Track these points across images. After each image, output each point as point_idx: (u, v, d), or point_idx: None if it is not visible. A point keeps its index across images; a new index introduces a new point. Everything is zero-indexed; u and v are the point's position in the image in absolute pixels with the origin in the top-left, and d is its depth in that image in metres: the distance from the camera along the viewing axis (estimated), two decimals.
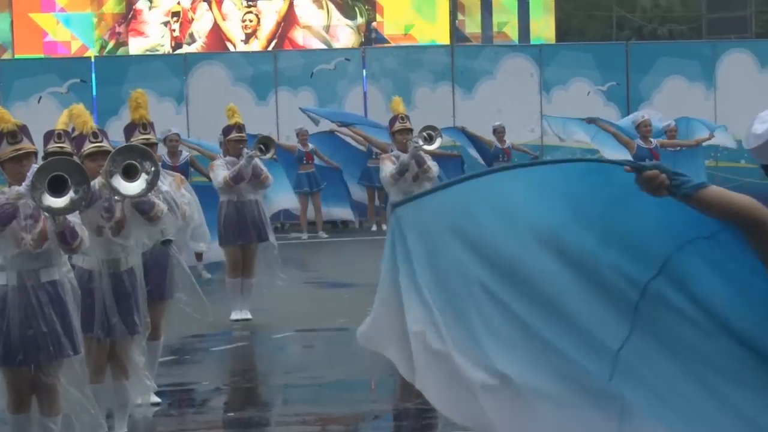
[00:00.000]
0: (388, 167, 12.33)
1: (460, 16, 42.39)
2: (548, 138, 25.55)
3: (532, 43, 38.12)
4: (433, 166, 12.37)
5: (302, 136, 22.30)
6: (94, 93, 24.34)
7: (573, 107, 25.29)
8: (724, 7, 42.35)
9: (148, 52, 35.21)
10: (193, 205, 9.16)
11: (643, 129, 17.36)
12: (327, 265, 18.52)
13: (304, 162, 22.23)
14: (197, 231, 9.75)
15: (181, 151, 17.17)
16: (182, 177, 9.51)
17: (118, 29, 35.99)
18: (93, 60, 26.55)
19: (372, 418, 8.88)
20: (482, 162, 22.64)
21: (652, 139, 17.45)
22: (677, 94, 25.41)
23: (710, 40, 33.94)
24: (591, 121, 19.62)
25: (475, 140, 22.77)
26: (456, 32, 41.36)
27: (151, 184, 7.59)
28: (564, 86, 25.89)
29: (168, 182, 8.69)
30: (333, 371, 10.29)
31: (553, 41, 40.27)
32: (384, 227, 20.69)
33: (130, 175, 7.52)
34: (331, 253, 20.38)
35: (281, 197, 17.45)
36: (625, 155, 16.88)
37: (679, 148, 18.70)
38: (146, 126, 8.92)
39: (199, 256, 14.54)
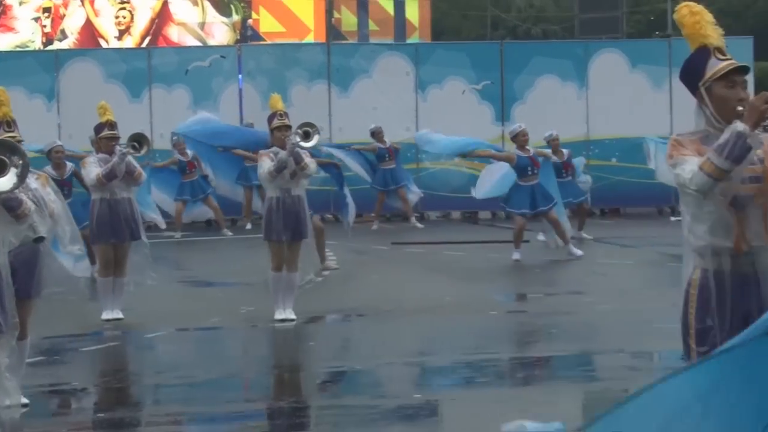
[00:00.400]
0: (266, 164, 12.27)
1: (336, 15, 42.34)
2: None
3: (407, 42, 38.26)
4: (311, 164, 12.35)
5: (179, 146, 22.10)
6: None
7: (448, 106, 25.49)
8: (595, 8, 42.92)
9: (17, 49, 34.59)
10: (59, 204, 9.01)
11: (520, 139, 17.70)
12: (200, 264, 18.39)
13: (187, 171, 22.20)
14: (72, 236, 9.61)
15: (65, 163, 16.86)
16: (47, 176, 9.34)
17: None
18: None
19: (245, 417, 8.82)
20: (368, 177, 22.75)
21: (529, 147, 17.77)
22: (550, 93, 25.73)
23: (582, 40, 34.36)
24: (467, 154, 19.82)
25: (358, 155, 22.65)
26: (332, 30, 41.30)
27: (21, 178, 7.46)
28: (439, 85, 26.04)
29: (34, 179, 8.53)
30: (205, 370, 10.20)
31: (429, 40, 40.46)
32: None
33: None
34: (204, 252, 20.24)
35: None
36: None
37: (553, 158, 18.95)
38: (10, 124, 8.75)
39: None
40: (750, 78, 6.47)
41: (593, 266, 16.81)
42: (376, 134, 23.61)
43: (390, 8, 41.72)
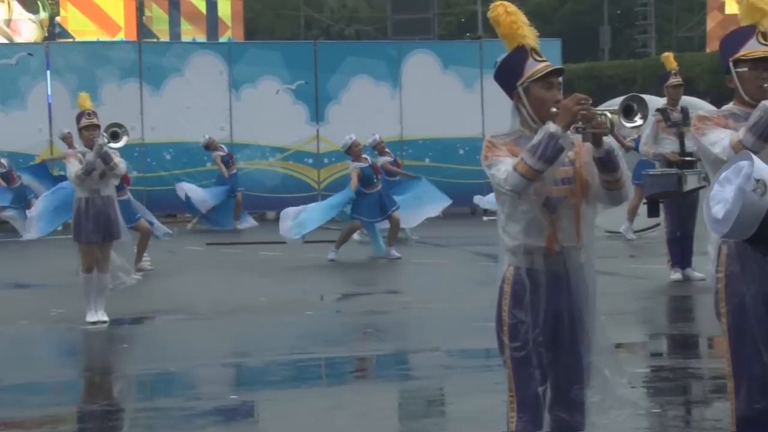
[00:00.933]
0: (74, 166, 12.05)
1: (147, 12, 41.77)
2: (238, 136, 25.57)
3: (220, 40, 37.99)
4: (120, 163, 12.17)
5: None
6: None
7: (262, 105, 25.42)
8: (407, 9, 43.35)
9: None
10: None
11: (354, 150, 17.82)
12: (7, 265, 17.96)
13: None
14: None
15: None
16: None
17: None
18: None
19: (55, 421, 8.63)
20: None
21: (365, 156, 17.97)
22: (364, 93, 25.89)
23: (395, 40, 34.67)
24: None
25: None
26: (143, 28, 40.74)
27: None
28: (253, 84, 25.95)
29: None
30: (15, 374, 9.97)
31: (242, 39, 40.23)
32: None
33: None
34: (12, 253, 19.78)
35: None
36: None
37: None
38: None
39: None
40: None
41: (409, 266, 16.97)
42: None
43: (202, 6, 41.40)
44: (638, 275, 14.86)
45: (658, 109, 13.88)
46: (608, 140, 5.31)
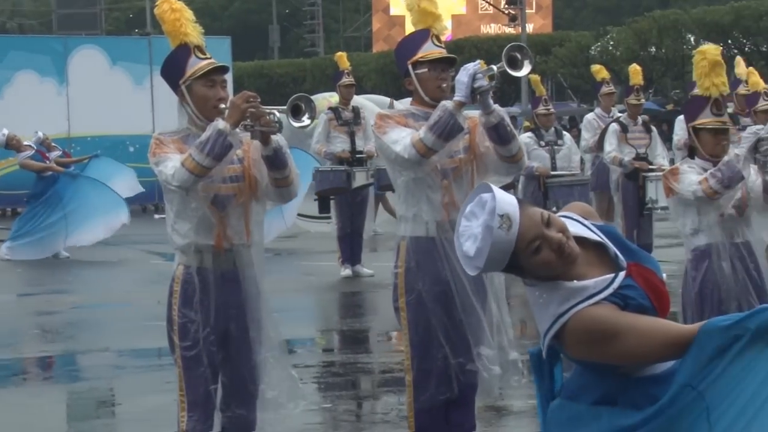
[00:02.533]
0: None
1: None
2: None
3: None
4: None
5: None
6: None
7: None
8: (73, 4, 42.43)
9: None
10: None
11: (13, 143, 17.38)
12: None
13: None
14: None
15: None
16: None
17: None
18: None
19: None
20: None
21: (28, 144, 17.66)
22: (29, 89, 25.17)
23: (61, 35, 33.82)
24: None
25: None
26: None
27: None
28: None
29: None
30: None
31: None
32: None
33: None
34: None
35: None
36: None
37: None
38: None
39: None
40: (229, 77, 6.64)
41: (78, 265, 16.60)
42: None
43: None
44: (309, 272, 15.04)
45: (329, 108, 14.09)
46: (276, 138, 5.36)
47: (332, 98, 18.96)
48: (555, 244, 3.27)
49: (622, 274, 3.34)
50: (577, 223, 3.47)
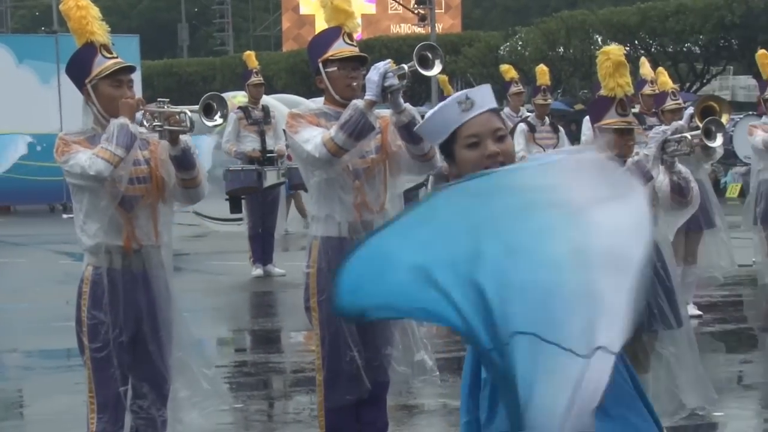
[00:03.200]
0: None
1: None
2: None
3: None
4: None
5: None
6: None
7: None
8: None
9: None
10: None
11: None
12: None
13: None
14: None
15: None
16: None
17: None
18: None
19: None
20: None
21: None
22: None
23: None
24: None
25: None
26: None
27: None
28: None
29: None
30: None
31: None
32: None
33: None
34: None
35: None
36: None
37: None
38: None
39: None
40: (138, 76, 6.59)
41: None
42: None
43: None
44: (220, 271, 14.97)
45: (239, 107, 14.04)
46: (185, 138, 5.34)
47: (235, 99, 18.79)
48: (489, 152, 3.40)
49: None
50: None
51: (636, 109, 10.65)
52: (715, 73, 38.47)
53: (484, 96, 3.48)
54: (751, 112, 15.66)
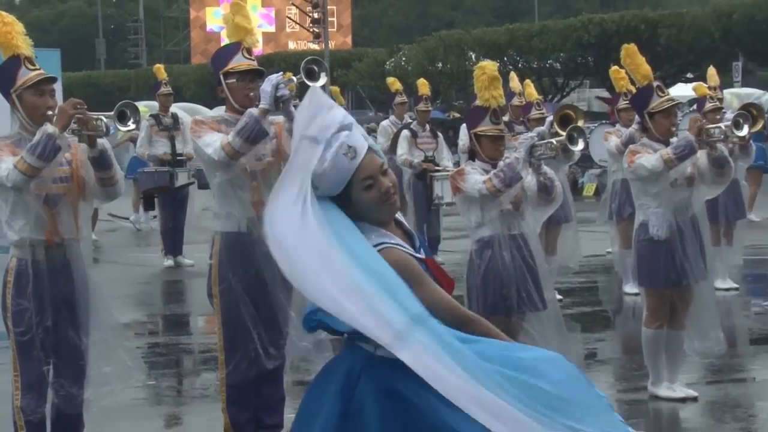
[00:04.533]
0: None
1: None
2: None
3: None
4: None
5: None
6: None
7: None
8: None
9: None
10: None
11: None
12: None
13: None
14: None
15: None
16: None
17: None
18: None
19: None
20: None
21: None
22: None
23: None
24: None
25: None
26: None
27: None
28: None
29: None
30: None
31: None
32: None
33: None
34: None
35: None
36: None
37: None
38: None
39: None
40: (59, 86, 6.51)
41: None
42: None
43: None
44: (137, 262, 14.80)
45: (151, 115, 13.90)
46: (102, 141, 5.32)
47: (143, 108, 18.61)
48: (384, 188, 3.46)
49: (422, 257, 3.55)
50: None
51: (506, 118, 10.75)
52: (574, 87, 39.04)
53: (358, 139, 3.49)
54: (604, 121, 15.94)
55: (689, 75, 32.25)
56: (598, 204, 13.05)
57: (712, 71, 11.73)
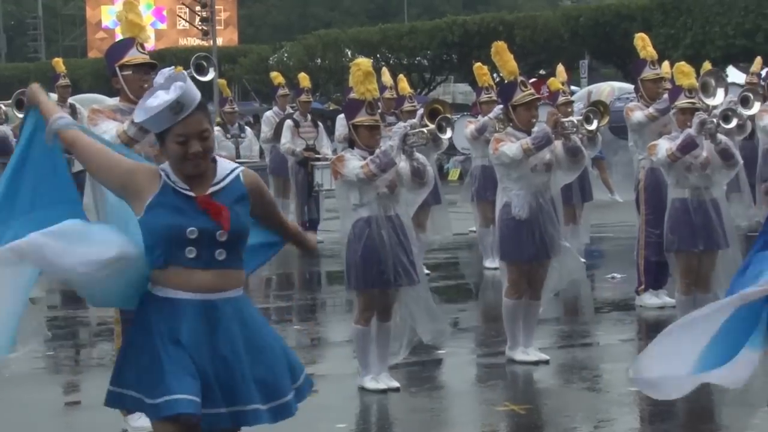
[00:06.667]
0: None
1: None
2: None
3: None
4: None
5: None
6: None
7: None
8: None
9: None
10: None
11: None
12: None
13: None
14: None
15: None
16: None
17: None
18: None
19: None
20: None
21: None
22: None
23: None
24: None
25: None
26: None
27: None
28: None
29: None
30: None
31: None
32: None
33: None
34: None
35: None
36: None
37: None
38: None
39: None
40: None
41: None
42: None
43: None
44: None
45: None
46: (3, 128, 5.17)
47: None
48: (193, 152, 3.58)
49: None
50: None
51: (379, 109, 10.76)
52: (440, 81, 39.27)
53: (194, 98, 3.57)
54: (466, 113, 16.10)
55: (542, 72, 32.71)
56: (461, 187, 13.18)
57: (560, 68, 11.98)
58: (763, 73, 12.15)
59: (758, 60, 11.71)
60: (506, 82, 7.22)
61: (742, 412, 6.03)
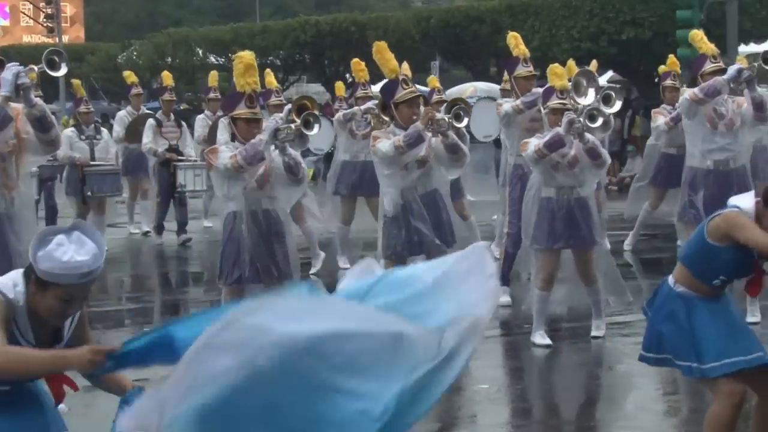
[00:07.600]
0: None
1: None
2: None
3: None
4: None
5: None
6: None
7: None
8: None
9: None
10: None
11: None
12: None
13: None
14: None
15: None
16: None
17: None
18: None
19: None
20: None
21: None
22: None
23: None
24: None
25: None
26: None
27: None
28: None
29: None
30: None
31: None
32: None
33: None
34: None
35: None
36: None
37: None
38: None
39: None
40: None
41: None
42: None
43: None
44: None
45: None
46: None
47: None
48: (70, 312, 3.52)
49: None
50: None
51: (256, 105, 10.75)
52: (293, 81, 39.13)
53: (101, 266, 3.44)
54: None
55: None
56: (316, 187, 13.38)
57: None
58: (604, 77, 12.49)
59: (594, 63, 12.11)
60: (388, 80, 7.29)
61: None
